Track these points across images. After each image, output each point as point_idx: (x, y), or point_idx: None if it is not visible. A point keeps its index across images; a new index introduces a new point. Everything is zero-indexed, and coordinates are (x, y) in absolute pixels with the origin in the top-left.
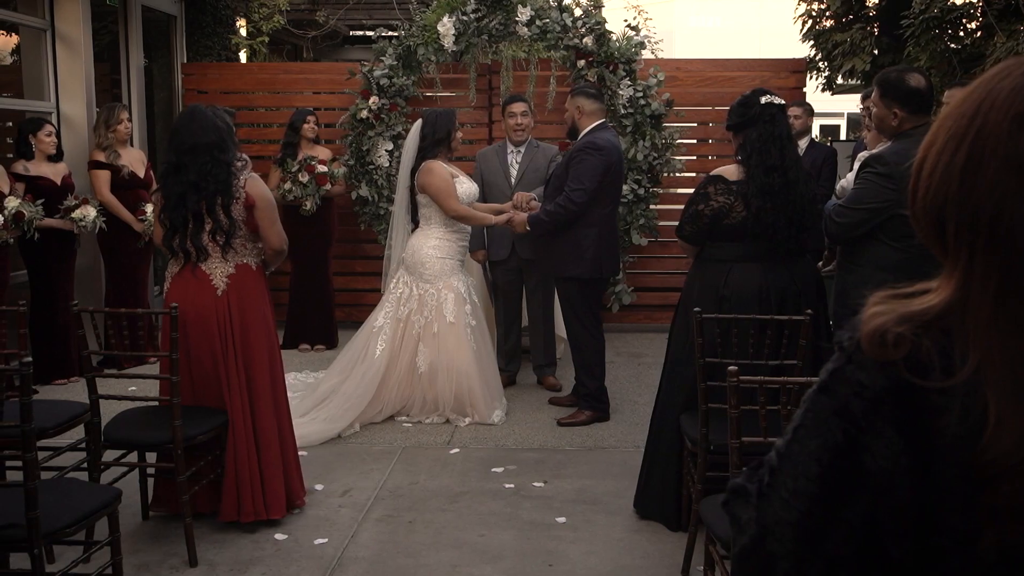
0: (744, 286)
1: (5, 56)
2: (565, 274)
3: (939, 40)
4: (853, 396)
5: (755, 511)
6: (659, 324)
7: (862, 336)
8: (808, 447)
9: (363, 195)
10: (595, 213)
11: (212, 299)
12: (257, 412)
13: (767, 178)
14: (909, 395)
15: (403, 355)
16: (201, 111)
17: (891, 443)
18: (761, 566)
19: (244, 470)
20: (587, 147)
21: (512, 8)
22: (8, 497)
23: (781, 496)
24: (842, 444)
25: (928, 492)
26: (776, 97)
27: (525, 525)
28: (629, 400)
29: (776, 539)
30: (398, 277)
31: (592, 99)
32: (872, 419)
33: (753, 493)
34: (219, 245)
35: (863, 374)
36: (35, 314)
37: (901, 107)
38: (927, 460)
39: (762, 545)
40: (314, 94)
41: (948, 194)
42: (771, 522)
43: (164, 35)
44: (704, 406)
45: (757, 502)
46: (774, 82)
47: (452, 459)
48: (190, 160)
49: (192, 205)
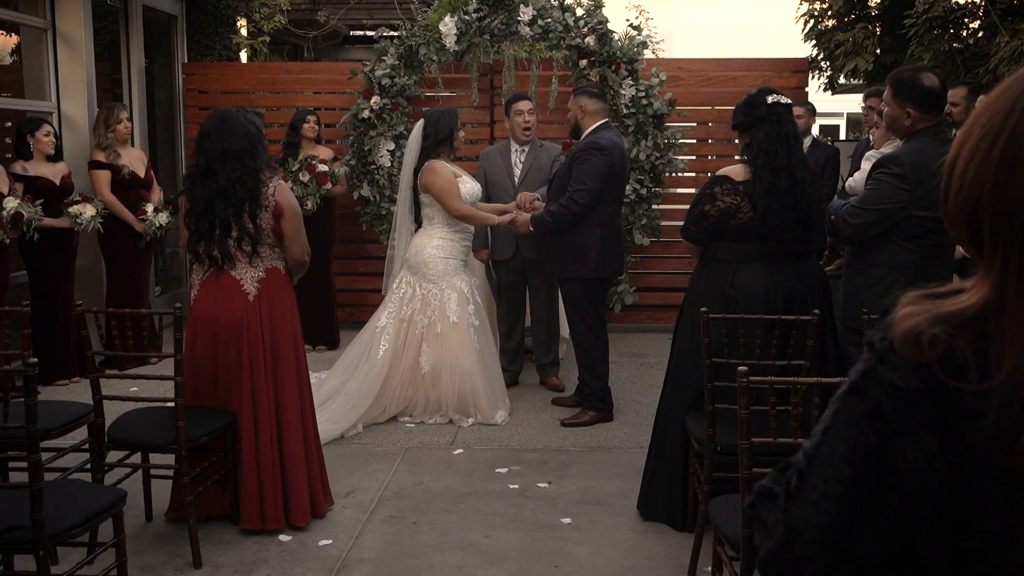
0: (750, 286)
1: (6, 56)
2: (569, 275)
3: (942, 39)
4: (886, 397)
5: (783, 514)
6: (662, 324)
7: (895, 337)
8: (838, 449)
9: (365, 195)
10: (599, 213)
11: (244, 304)
12: (283, 418)
13: (774, 178)
14: (944, 397)
15: (406, 355)
16: (232, 115)
17: (925, 445)
18: (789, 569)
19: (268, 477)
20: (590, 147)
21: (514, 8)
22: (13, 499)
23: (810, 499)
24: (874, 446)
25: (961, 495)
26: (782, 96)
27: (530, 526)
28: (632, 400)
29: (805, 542)
30: (401, 277)
31: (595, 99)
32: (906, 420)
33: (781, 495)
34: (245, 253)
35: (896, 375)
36: (35, 314)
37: (915, 107)
38: (961, 462)
39: (790, 548)
40: (315, 94)
41: (982, 193)
42: (799, 525)
43: (165, 35)
44: (711, 406)
45: (785, 504)
46: (776, 82)
47: (456, 460)
48: (220, 166)
49: (220, 212)
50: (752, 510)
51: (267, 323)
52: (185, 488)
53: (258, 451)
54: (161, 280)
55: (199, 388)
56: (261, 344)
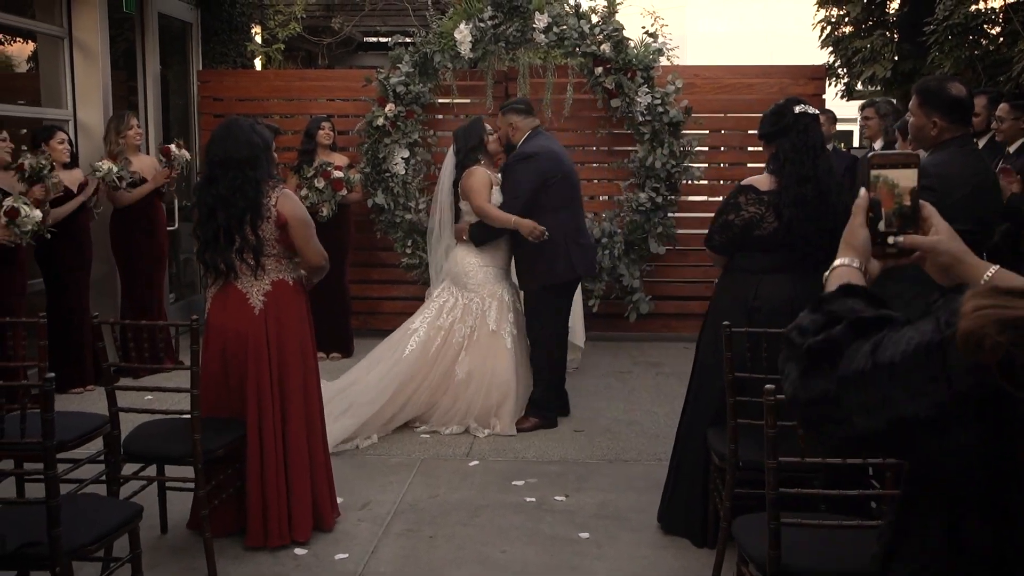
0: (775, 297)
1: (22, 64)
2: (546, 283)
3: (963, 46)
4: (943, 381)
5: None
6: (677, 333)
7: (959, 333)
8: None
9: (379, 203)
10: (547, 220)
11: (250, 319)
12: (288, 433)
13: (800, 188)
14: (998, 397)
15: (440, 362)
16: (239, 124)
17: (973, 431)
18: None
19: (272, 494)
20: (516, 159)
21: (529, 15)
22: (29, 514)
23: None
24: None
25: (1012, 487)
26: (810, 107)
27: (548, 540)
28: (649, 411)
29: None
30: (443, 286)
31: (522, 114)
32: (958, 408)
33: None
34: (248, 264)
35: (953, 366)
36: (51, 322)
37: (941, 116)
38: (1012, 456)
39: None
40: (329, 101)
41: None
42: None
43: (180, 42)
44: (733, 422)
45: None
46: (793, 89)
47: (472, 471)
48: (220, 173)
49: (221, 221)
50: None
51: (273, 337)
52: (200, 502)
53: (263, 467)
54: (175, 287)
55: (208, 399)
56: (267, 359)
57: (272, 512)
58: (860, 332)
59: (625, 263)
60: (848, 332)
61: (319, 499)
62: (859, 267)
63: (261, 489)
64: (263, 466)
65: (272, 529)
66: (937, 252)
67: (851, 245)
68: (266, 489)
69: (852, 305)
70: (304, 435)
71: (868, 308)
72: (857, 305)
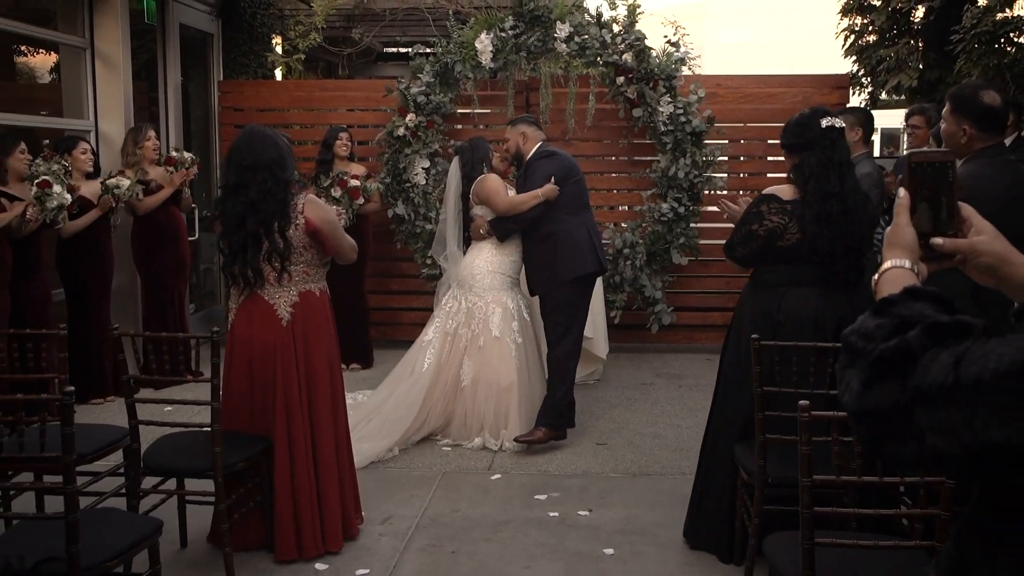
0: (800, 311)
1: (45, 75)
2: (571, 276)
3: (990, 55)
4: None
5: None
6: (700, 344)
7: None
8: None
9: (399, 213)
10: (570, 216)
11: (278, 330)
12: (318, 444)
13: (825, 204)
14: None
15: (449, 369)
16: (260, 130)
17: None
18: None
19: (305, 506)
20: (537, 156)
21: (550, 24)
22: (48, 529)
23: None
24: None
25: None
26: (837, 120)
27: (572, 557)
28: (673, 424)
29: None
30: (450, 292)
31: (533, 126)
32: None
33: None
34: (275, 269)
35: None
36: (72, 332)
37: (972, 124)
38: None
39: None
40: (349, 111)
41: None
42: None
43: (201, 53)
44: (762, 437)
45: None
46: (816, 98)
47: (494, 485)
48: (249, 178)
49: (251, 226)
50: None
51: (301, 349)
52: (220, 516)
53: (294, 479)
54: (195, 297)
55: (234, 412)
56: (295, 370)
57: (306, 525)
58: (937, 339)
59: (647, 274)
60: (923, 338)
61: (347, 506)
62: (911, 267)
63: (293, 502)
64: (294, 479)
65: (307, 543)
66: (978, 253)
67: (899, 245)
68: (299, 502)
69: (921, 309)
70: (333, 446)
71: (941, 313)
72: (927, 309)
